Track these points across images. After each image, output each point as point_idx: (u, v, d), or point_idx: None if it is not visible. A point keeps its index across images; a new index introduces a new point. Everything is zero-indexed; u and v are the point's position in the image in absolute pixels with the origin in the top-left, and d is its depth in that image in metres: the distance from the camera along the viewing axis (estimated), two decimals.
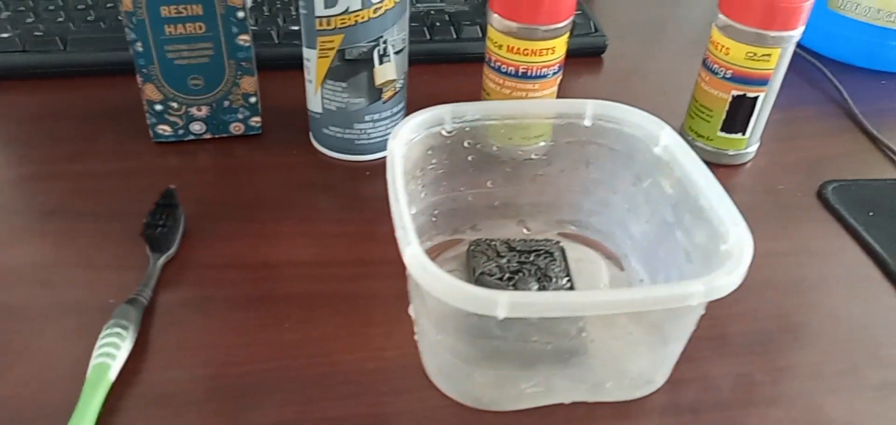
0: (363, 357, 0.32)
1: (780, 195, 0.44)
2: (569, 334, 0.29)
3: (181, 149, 0.44)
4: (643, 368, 0.31)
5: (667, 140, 0.34)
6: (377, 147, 0.44)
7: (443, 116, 0.35)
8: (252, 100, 0.44)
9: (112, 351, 0.30)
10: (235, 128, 0.45)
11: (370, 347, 0.32)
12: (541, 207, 0.39)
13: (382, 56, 0.40)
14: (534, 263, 0.37)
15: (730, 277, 0.26)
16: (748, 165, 0.47)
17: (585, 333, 0.29)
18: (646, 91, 0.55)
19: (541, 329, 0.28)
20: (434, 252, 0.38)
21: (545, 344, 0.29)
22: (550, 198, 0.39)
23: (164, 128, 0.43)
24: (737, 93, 0.43)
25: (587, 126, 0.36)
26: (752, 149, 0.47)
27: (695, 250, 0.31)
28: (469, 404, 0.30)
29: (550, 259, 0.37)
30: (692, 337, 0.30)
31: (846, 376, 0.33)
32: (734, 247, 0.28)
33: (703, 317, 0.29)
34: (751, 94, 0.43)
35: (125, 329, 0.31)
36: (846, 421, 0.31)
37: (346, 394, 0.30)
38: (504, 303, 0.25)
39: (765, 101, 0.43)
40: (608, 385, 0.31)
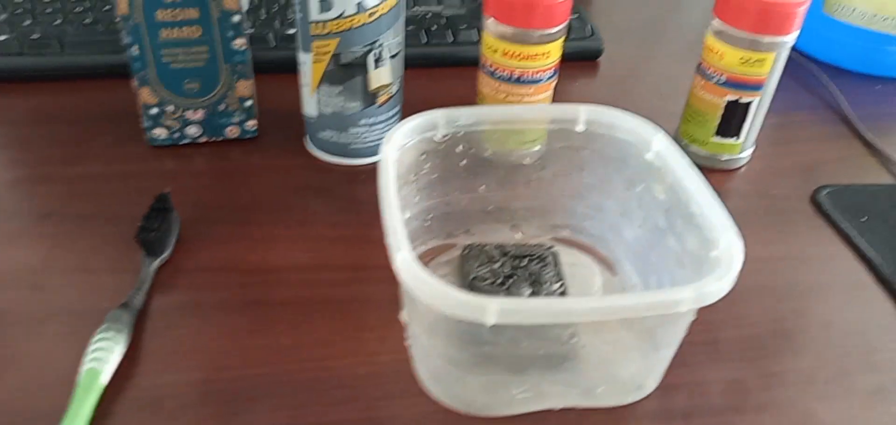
0: (356, 362, 0.32)
1: (775, 200, 0.44)
2: (560, 339, 0.30)
3: (177, 152, 0.44)
4: (634, 373, 0.31)
5: (659, 145, 0.34)
6: (373, 151, 0.44)
7: (436, 121, 0.35)
8: (248, 103, 0.44)
9: (104, 356, 0.30)
10: (231, 131, 0.45)
11: (363, 352, 0.33)
12: (534, 212, 0.39)
13: (377, 60, 0.41)
14: (527, 268, 0.37)
15: (719, 284, 0.26)
16: (743, 170, 0.47)
17: (576, 339, 0.30)
18: (642, 95, 0.55)
19: (531, 335, 0.28)
20: (428, 256, 0.38)
21: (536, 350, 0.29)
22: (544, 203, 0.39)
23: (160, 132, 0.44)
24: (731, 98, 0.43)
25: (580, 131, 0.36)
26: (747, 153, 0.47)
27: (686, 256, 0.31)
28: (461, 409, 0.31)
29: (543, 264, 0.37)
30: (684, 342, 0.30)
31: (838, 382, 0.33)
32: (724, 254, 0.28)
33: (696, 321, 0.29)
34: (745, 98, 0.43)
35: (117, 333, 0.31)
36: None
37: (339, 399, 0.31)
38: (493, 309, 0.25)
39: (759, 105, 0.43)
40: (599, 390, 0.31)
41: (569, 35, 0.57)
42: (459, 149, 0.36)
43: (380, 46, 0.40)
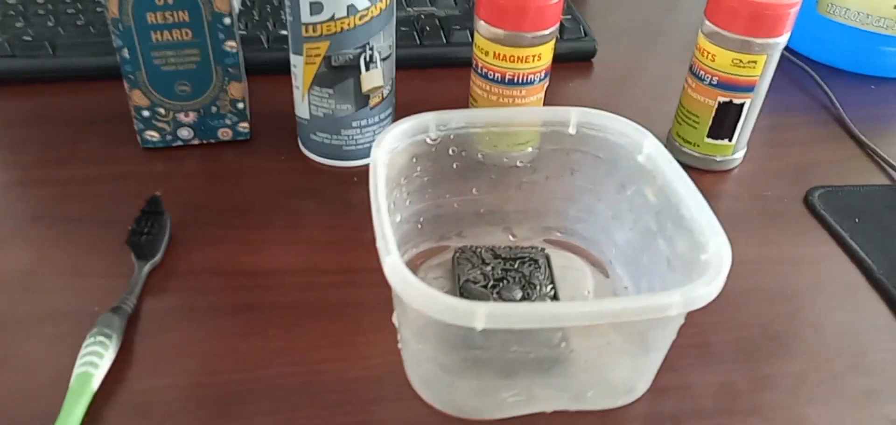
0: (347, 366, 0.32)
1: (767, 201, 0.44)
2: (549, 344, 0.30)
3: (169, 154, 0.44)
4: (625, 377, 0.31)
5: (649, 148, 0.34)
6: (365, 153, 0.44)
7: (427, 124, 0.35)
8: (240, 105, 0.44)
9: (95, 360, 0.30)
10: (223, 133, 0.45)
11: (354, 356, 0.33)
12: (526, 214, 0.39)
13: (369, 62, 0.41)
14: (518, 270, 0.37)
15: (707, 288, 0.26)
16: (735, 171, 0.47)
17: (566, 343, 0.30)
18: (635, 96, 0.55)
19: (520, 339, 0.28)
20: (420, 259, 0.38)
21: (526, 354, 0.29)
22: (536, 206, 0.39)
23: (152, 134, 0.44)
24: (723, 99, 0.43)
25: (572, 134, 0.36)
26: (740, 155, 0.47)
27: (676, 259, 0.31)
28: (451, 413, 0.31)
29: (535, 266, 0.37)
30: (675, 345, 0.30)
31: (829, 384, 0.33)
32: (713, 258, 0.28)
33: (687, 324, 0.29)
34: (737, 100, 0.43)
35: (109, 337, 0.31)
36: None
37: (330, 403, 0.31)
38: (482, 314, 0.25)
39: (751, 107, 0.43)
40: (590, 394, 0.31)
41: (562, 35, 0.57)
42: (451, 151, 0.36)
43: (371, 49, 0.40)
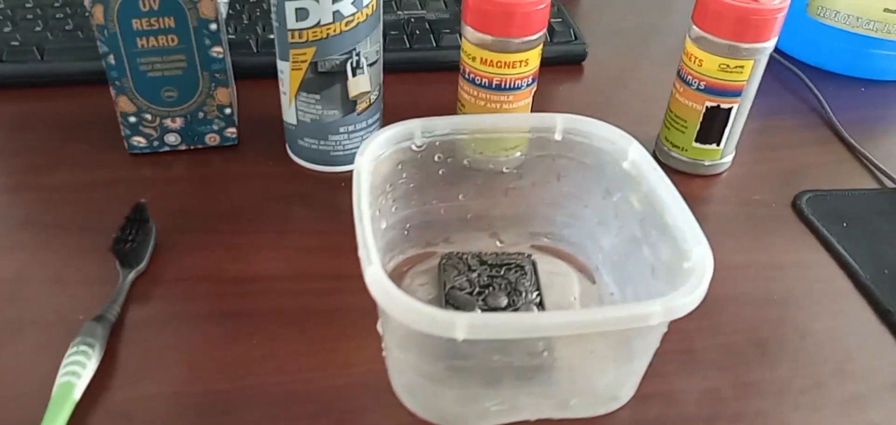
0: (331, 373, 0.32)
1: (755, 206, 0.44)
2: (532, 352, 0.30)
3: (156, 160, 0.44)
4: (608, 384, 0.31)
5: (634, 155, 0.34)
6: (353, 158, 0.44)
7: (412, 131, 0.35)
8: (227, 111, 0.44)
9: (78, 370, 0.30)
10: (211, 139, 0.45)
11: (338, 363, 0.32)
12: (513, 220, 0.39)
13: (355, 68, 0.40)
14: (504, 277, 0.37)
15: (689, 298, 0.26)
16: (724, 175, 0.47)
17: (548, 352, 0.30)
18: (625, 99, 0.55)
19: (503, 349, 0.28)
20: (406, 265, 0.38)
21: (509, 363, 0.29)
22: (523, 211, 0.39)
23: (139, 140, 0.43)
24: (710, 104, 0.43)
25: (558, 140, 0.36)
26: (728, 159, 0.47)
27: (660, 266, 0.31)
28: (435, 421, 0.31)
29: (521, 273, 0.37)
30: (659, 352, 0.30)
31: (814, 391, 0.33)
32: (696, 266, 0.28)
33: (671, 330, 0.29)
34: (724, 105, 0.43)
35: (91, 346, 0.31)
36: None
37: (313, 412, 0.30)
38: (462, 325, 0.25)
39: (739, 111, 0.43)
40: (573, 402, 0.31)
41: (552, 38, 0.57)
42: (437, 158, 0.36)
43: (358, 54, 0.40)
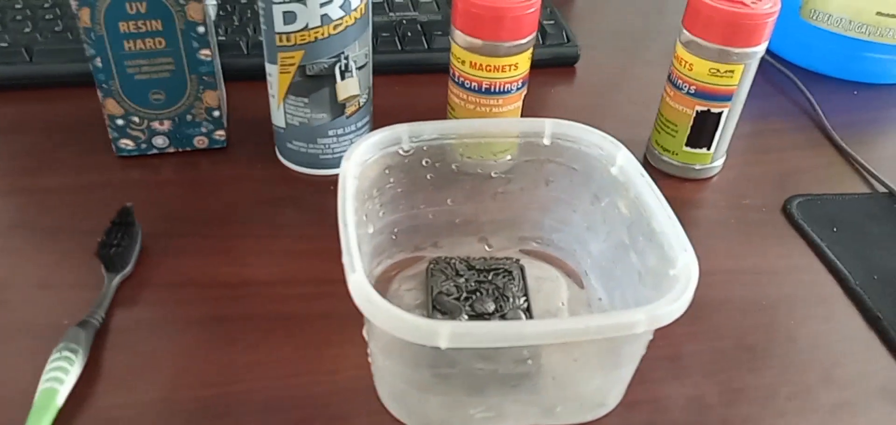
0: (315, 380, 0.32)
1: (745, 210, 0.44)
2: (518, 359, 0.29)
3: (144, 162, 0.44)
4: (595, 391, 0.31)
5: (622, 160, 0.34)
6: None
7: (400, 135, 0.34)
8: (216, 113, 0.44)
9: (60, 376, 0.30)
10: (199, 141, 0.44)
11: (324, 370, 0.32)
12: (502, 224, 0.39)
13: (344, 71, 0.40)
14: (492, 282, 0.36)
15: (673, 306, 0.26)
16: (714, 179, 0.47)
17: (533, 359, 0.29)
18: (618, 102, 0.55)
19: (486, 357, 0.28)
20: (394, 270, 0.38)
21: (493, 370, 0.29)
22: (511, 216, 0.39)
23: (127, 143, 0.43)
24: (701, 108, 0.43)
25: (546, 145, 0.36)
26: (719, 163, 0.47)
27: (647, 273, 0.31)
28: None
29: (509, 278, 0.37)
30: (647, 357, 0.30)
31: (800, 398, 0.33)
32: (681, 274, 0.28)
33: (658, 336, 0.29)
34: (715, 109, 0.43)
35: (75, 352, 0.31)
36: None
37: (297, 419, 0.30)
38: (445, 333, 0.25)
39: (729, 116, 0.43)
40: (559, 409, 0.31)
41: (545, 41, 0.57)
42: (425, 162, 0.36)
43: (346, 58, 0.40)
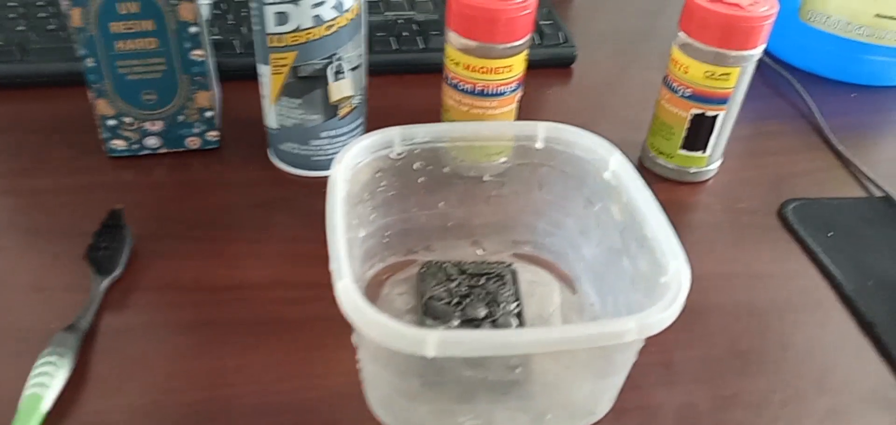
0: (305, 385, 0.32)
1: (741, 214, 0.44)
2: (507, 366, 0.29)
3: (137, 163, 0.44)
4: (585, 398, 0.31)
5: (615, 165, 0.33)
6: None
7: (392, 139, 0.34)
8: (208, 114, 0.43)
9: (46, 381, 0.29)
10: (192, 142, 0.44)
11: (313, 375, 0.32)
12: (495, 228, 0.39)
13: (337, 73, 0.40)
14: (484, 287, 0.36)
15: (664, 314, 0.26)
16: (710, 182, 0.46)
17: (522, 367, 0.29)
18: (614, 104, 0.54)
19: (475, 364, 0.28)
20: (386, 273, 0.38)
21: (483, 378, 0.29)
22: (504, 220, 0.38)
23: (119, 143, 0.43)
24: (696, 111, 0.42)
25: (539, 148, 0.36)
26: (715, 166, 0.46)
27: (639, 278, 0.31)
28: None
29: (501, 283, 0.36)
30: (638, 363, 0.30)
31: (793, 404, 0.33)
32: (672, 281, 0.28)
33: (650, 342, 0.29)
34: (710, 112, 0.42)
35: (62, 356, 0.30)
36: None
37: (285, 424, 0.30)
38: (433, 341, 0.24)
39: (725, 119, 0.43)
40: (549, 416, 0.30)
41: (542, 41, 0.57)
42: (417, 166, 0.36)
43: (339, 59, 0.39)
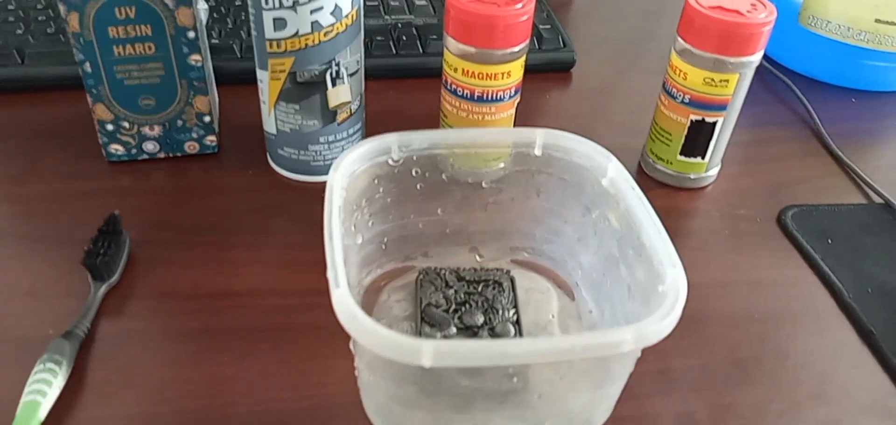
0: (301, 394, 0.32)
1: (739, 221, 0.44)
2: (504, 376, 0.29)
3: (135, 168, 0.44)
4: (582, 408, 0.31)
5: (613, 173, 0.33)
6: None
7: (389, 145, 0.34)
8: (206, 119, 0.43)
9: (43, 388, 0.29)
10: (190, 147, 0.44)
11: (309, 384, 0.32)
12: (493, 235, 0.39)
13: (335, 78, 0.40)
14: (482, 294, 0.36)
15: (661, 324, 0.26)
16: (709, 189, 0.46)
17: (519, 376, 0.29)
18: (613, 109, 0.54)
19: (471, 374, 0.28)
20: (384, 280, 0.38)
21: (479, 387, 0.29)
22: (502, 226, 0.38)
23: (117, 148, 0.43)
24: (695, 117, 0.42)
25: (537, 155, 0.36)
26: (713, 172, 0.46)
27: (636, 287, 0.31)
28: None
29: (499, 290, 0.36)
30: (635, 372, 0.30)
31: (790, 415, 0.33)
32: (670, 290, 0.27)
33: (648, 350, 0.29)
34: (709, 118, 0.42)
35: (58, 364, 0.30)
36: None
37: None
38: (428, 351, 0.24)
39: (724, 125, 0.43)
40: None
41: (541, 45, 0.57)
42: (415, 172, 0.36)
43: (337, 65, 0.39)
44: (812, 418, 0.32)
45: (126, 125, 0.42)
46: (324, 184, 0.43)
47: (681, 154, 0.44)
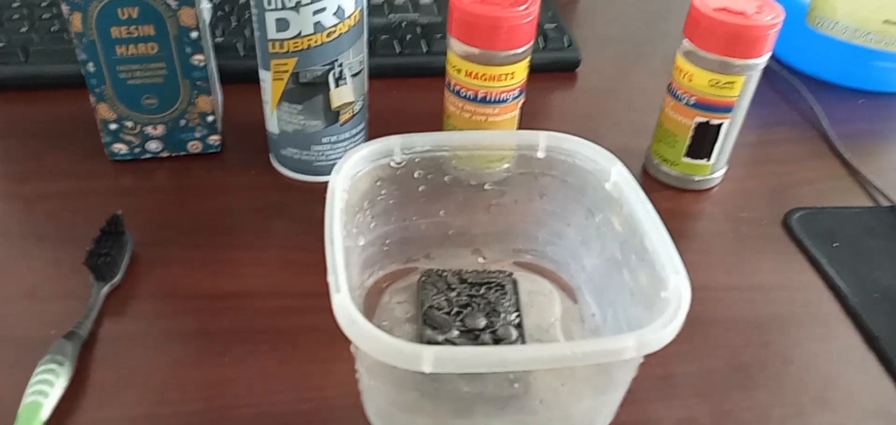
0: (303, 396, 0.32)
1: (744, 223, 0.43)
2: (505, 381, 0.29)
3: (138, 167, 0.44)
4: (583, 414, 0.31)
5: (617, 176, 0.33)
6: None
7: (392, 147, 0.34)
8: (209, 118, 0.43)
9: (45, 389, 0.29)
10: (193, 146, 0.44)
11: (311, 386, 0.32)
12: (496, 237, 0.39)
13: (338, 79, 0.40)
14: (484, 297, 0.36)
15: (663, 331, 0.26)
16: (714, 191, 0.46)
17: (520, 382, 0.29)
18: (618, 109, 0.54)
19: (472, 380, 0.28)
20: (386, 281, 0.38)
21: (480, 392, 0.29)
22: (505, 228, 0.38)
23: (120, 147, 0.43)
24: (700, 119, 0.42)
25: (541, 158, 0.36)
26: (719, 173, 0.46)
27: (639, 291, 0.31)
28: None
29: (501, 292, 0.36)
30: (637, 377, 0.30)
31: (793, 420, 0.32)
32: (672, 297, 0.27)
33: (650, 355, 0.28)
34: (715, 121, 0.42)
35: (61, 364, 0.30)
36: None
37: None
38: (429, 357, 0.24)
39: (730, 127, 0.43)
40: None
41: (546, 45, 0.56)
42: (417, 174, 0.35)
43: (340, 65, 0.39)
44: (816, 424, 0.32)
45: (129, 124, 0.42)
46: (327, 183, 0.43)
47: (686, 156, 0.44)
